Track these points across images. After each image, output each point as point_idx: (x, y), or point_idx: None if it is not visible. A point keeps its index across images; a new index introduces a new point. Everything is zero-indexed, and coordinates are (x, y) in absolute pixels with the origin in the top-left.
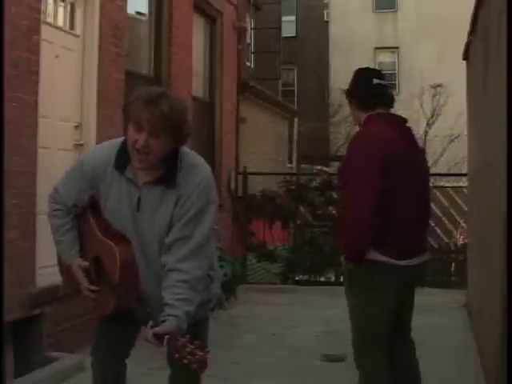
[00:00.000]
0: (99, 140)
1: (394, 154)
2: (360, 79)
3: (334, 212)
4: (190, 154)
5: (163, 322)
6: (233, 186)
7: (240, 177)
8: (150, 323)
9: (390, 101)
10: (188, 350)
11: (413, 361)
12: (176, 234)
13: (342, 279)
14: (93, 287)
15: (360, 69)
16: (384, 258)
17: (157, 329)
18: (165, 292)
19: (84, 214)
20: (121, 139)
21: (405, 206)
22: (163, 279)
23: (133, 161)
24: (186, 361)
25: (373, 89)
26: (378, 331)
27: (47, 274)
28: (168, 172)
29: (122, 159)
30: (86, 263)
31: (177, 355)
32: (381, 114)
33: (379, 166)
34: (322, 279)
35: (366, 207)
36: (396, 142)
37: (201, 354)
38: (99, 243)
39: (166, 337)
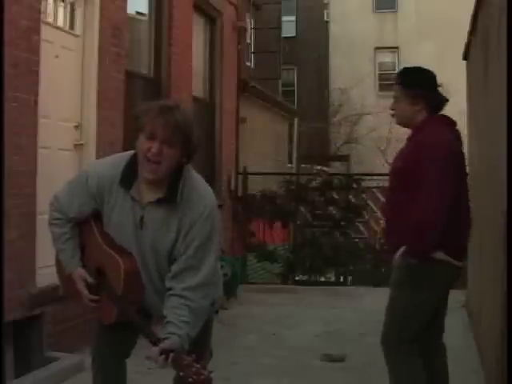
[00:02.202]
0: (99, 140)
1: (456, 156)
2: (432, 81)
3: (334, 212)
4: (193, 176)
5: (165, 339)
6: (233, 185)
7: (240, 177)
8: (153, 344)
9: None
10: (194, 369)
11: (445, 363)
12: (183, 264)
13: (341, 279)
14: (93, 297)
15: (427, 69)
16: (448, 259)
17: (163, 345)
18: (167, 311)
19: (87, 222)
20: (128, 154)
21: (463, 207)
22: (166, 300)
23: (142, 172)
24: (190, 380)
25: (441, 94)
26: (417, 330)
27: (47, 274)
28: (170, 191)
29: (129, 176)
30: (89, 279)
31: (181, 373)
32: (444, 117)
33: (453, 167)
34: (322, 279)
35: (443, 206)
36: (456, 144)
37: (206, 373)
38: (103, 254)
39: (171, 354)
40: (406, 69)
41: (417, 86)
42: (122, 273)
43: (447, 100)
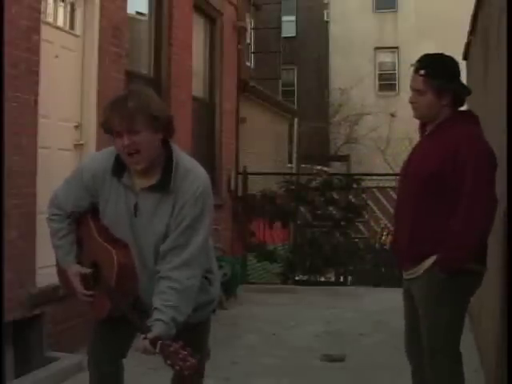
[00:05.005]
0: (99, 140)
1: (495, 158)
2: (457, 70)
3: (334, 212)
4: (185, 158)
5: (150, 327)
6: (233, 185)
7: (240, 177)
8: (143, 336)
9: None
10: (180, 356)
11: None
12: (171, 243)
13: (341, 279)
14: (88, 292)
15: (449, 56)
16: (482, 269)
17: (149, 335)
18: (155, 297)
19: (84, 217)
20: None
21: None
22: (156, 284)
23: (130, 167)
24: (177, 367)
25: (465, 85)
26: (461, 334)
27: (47, 274)
28: (163, 177)
29: (119, 166)
30: (83, 270)
31: (169, 361)
32: (471, 112)
33: (495, 171)
34: (322, 279)
35: (490, 216)
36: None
37: (192, 360)
38: (98, 247)
39: (158, 343)
40: (428, 57)
41: (443, 77)
42: (116, 264)
43: (470, 92)
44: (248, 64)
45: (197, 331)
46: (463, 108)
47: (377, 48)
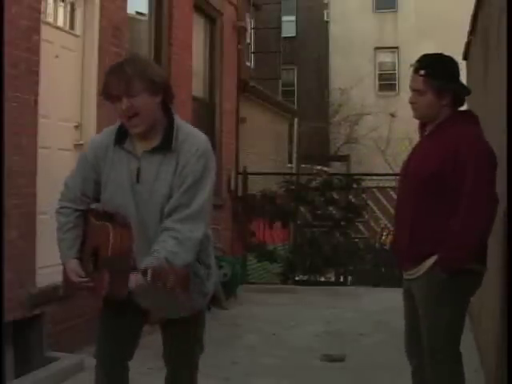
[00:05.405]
0: None
1: (496, 158)
2: (457, 70)
3: (334, 212)
4: (186, 125)
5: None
6: (233, 186)
7: (240, 177)
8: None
9: None
10: (171, 277)
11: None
12: (175, 202)
13: (341, 279)
14: (85, 279)
15: (449, 57)
16: (482, 269)
17: (140, 267)
18: (154, 245)
19: (87, 217)
20: (118, 122)
21: None
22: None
23: (130, 130)
24: (169, 284)
25: (465, 85)
26: (461, 334)
27: (47, 273)
28: (165, 139)
29: (122, 133)
30: (79, 270)
31: (159, 283)
32: (471, 112)
33: (496, 170)
34: (322, 279)
35: (491, 217)
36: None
37: (182, 271)
38: (95, 230)
39: (149, 270)
40: (428, 57)
41: (443, 77)
42: (111, 232)
43: (470, 92)
44: (248, 64)
45: (190, 324)
46: (463, 108)
47: (377, 48)
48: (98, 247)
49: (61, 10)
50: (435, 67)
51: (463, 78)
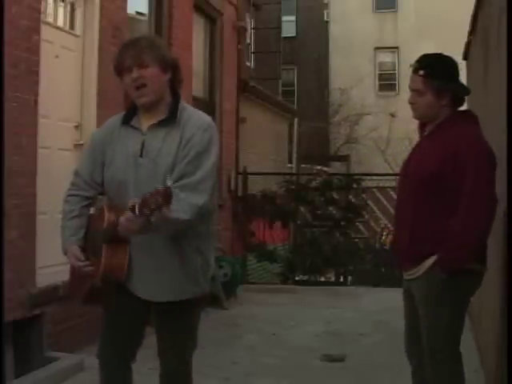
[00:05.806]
0: None
1: (495, 158)
2: (456, 70)
3: (334, 212)
4: (191, 107)
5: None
6: (233, 186)
7: (240, 177)
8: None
9: None
10: (154, 199)
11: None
12: (179, 172)
13: (341, 279)
14: (85, 263)
15: (448, 57)
16: (482, 269)
17: (129, 204)
18: None
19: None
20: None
21: None
22: None
23: (138, 102)
24: (153, 206)
25: (464, 85)
26: (461, 334)
27: (47, 273)
28: (171, 113)
29: (129, 113)
30: (79, 254)
31: (146, 210)
32: (470, 112)
33: (495, 171)
34: (322, 279)
35: (491, 217)
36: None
37: (164, 189)
38: (95, 219)
39: (137, 205)
40: (427, 57)
41: (442, 77)
42: (106, 211)
43: (469, 92)
44: (248, 64)
45: (182, 316)
46: (463, 108)
47: (377, 48)
48: (97, 230)
49: (61, 10)
50: (435, 67)
51: (463, 78)
